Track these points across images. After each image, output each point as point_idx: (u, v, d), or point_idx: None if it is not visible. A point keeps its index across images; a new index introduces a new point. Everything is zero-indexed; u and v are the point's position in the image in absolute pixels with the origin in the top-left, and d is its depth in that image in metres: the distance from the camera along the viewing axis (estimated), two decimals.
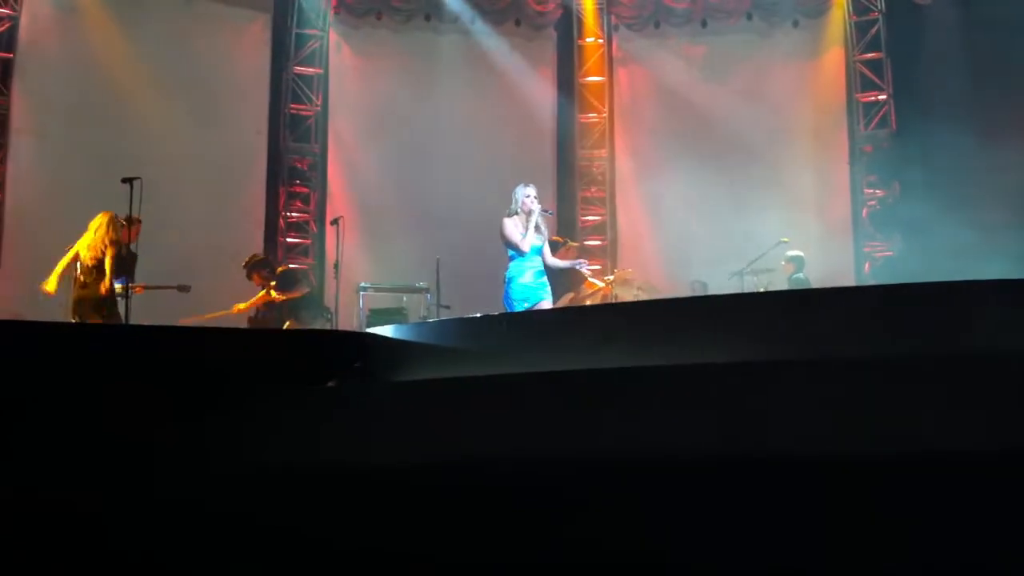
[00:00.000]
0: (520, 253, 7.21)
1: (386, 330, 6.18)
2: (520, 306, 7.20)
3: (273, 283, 9.89)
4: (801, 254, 10.59)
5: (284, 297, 9.79)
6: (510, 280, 7.29)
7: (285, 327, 9.56)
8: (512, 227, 7.28)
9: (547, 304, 7.32)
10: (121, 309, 8.33)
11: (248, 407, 4.37)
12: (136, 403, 4.27)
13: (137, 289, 8.47)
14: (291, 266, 11.34)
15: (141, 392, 4.28)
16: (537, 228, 7.28)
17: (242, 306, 9.97)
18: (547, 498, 3.49)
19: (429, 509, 3.59)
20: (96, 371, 4.64)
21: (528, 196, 7.31)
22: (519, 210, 7.30)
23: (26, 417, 4.10)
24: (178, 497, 3.83)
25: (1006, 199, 10.83)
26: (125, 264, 8.37)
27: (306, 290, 10.16)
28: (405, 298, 10.91)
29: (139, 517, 3.66)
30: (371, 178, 12.79)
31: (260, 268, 10.05)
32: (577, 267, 7.82)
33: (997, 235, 10.25)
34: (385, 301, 10.90)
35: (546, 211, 7.49)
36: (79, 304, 8.27)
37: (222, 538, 3.68)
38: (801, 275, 10.49)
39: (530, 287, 7.22)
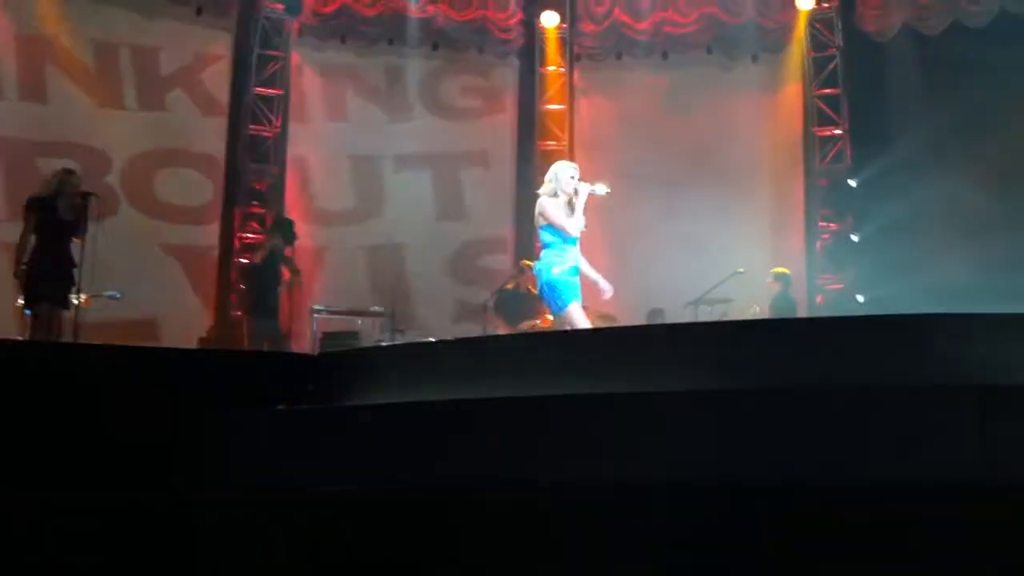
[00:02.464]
0: (565, 238, 6.51)
1: (340, 353, 6.13)
2: (567, 297, 6.40)
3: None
4: (787, 271, 10.70)
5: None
6: (546, 270, 6.47)
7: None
8: (557, 208, 6.53)
9: (578, 306, 6.53)
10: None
11: (195, 428, 4.30)
12: (79, 422, 4.18)
13: (84, 302, 8.31)
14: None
15: (84, 411, 4.21)
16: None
17: None
18: (499, 524, 3.45)
19: (375, 533, 3.55)
20: (40, 390, 4.55)
21: (573, 176, 6.58)
22: (560, 191, 6.54)
23: None
24: (120, 517, 3.75)
25: (960, 233, 11.01)
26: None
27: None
28: (360, 321, 10.84)
29: (74, 541, 3.57)
30: (329, 202, 12.74)
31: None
32: (602, 289, 6.92)
33: (950, 269, 10.43)
34: (339, 324, 10.82)
35: (602, 191, 6.69)
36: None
37: (163, 563, 3.60)
38: (789, 295, 10.65)
39: (567, 281, 6.46)
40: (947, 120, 11.20)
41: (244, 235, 12.27)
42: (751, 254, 11.46)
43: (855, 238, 11.91)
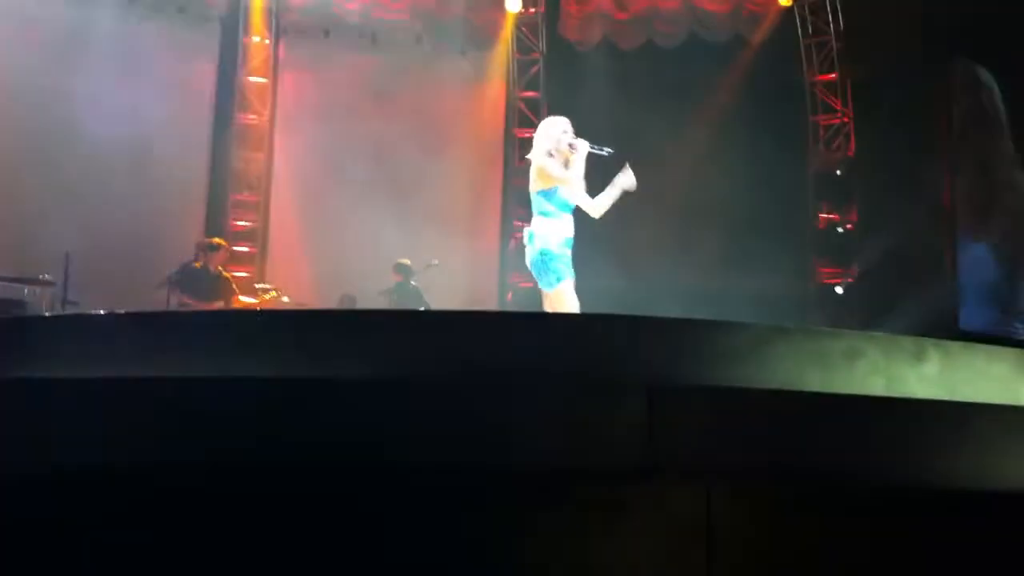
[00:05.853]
0: (564, 205, 5.94)
1: None
2: (561, 274, 5.83)
3: None
4: (407, 262, 10.81)
5: None
6: (542, 240, 5.88)
7: None
8: (557, 166, 5.89)
9: (570, 284, 5.90)
10: None
11: None
12: None
13: None
14: None
15: None
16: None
17: None
18: (163, 507, 3.26)
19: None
20: None
21: (566, 131, 5.99)
22: (555, 151, 5.95)
23: None
24: None
25: (649, 242, 11.73)
26: None
27: None
28: (27, 290, 9.94)
29: None
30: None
31: None
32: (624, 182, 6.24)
33: (636, 274, 11.09)
34: (3, 292, 9.86)
35: (602, 149, 6.09)
36: None
37: None
38: (410, 284, 10.74)
39: (562, 255, 5.88)
40: (638, 130, 11.85)
41: None
42: (448, 246, 11.59)
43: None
